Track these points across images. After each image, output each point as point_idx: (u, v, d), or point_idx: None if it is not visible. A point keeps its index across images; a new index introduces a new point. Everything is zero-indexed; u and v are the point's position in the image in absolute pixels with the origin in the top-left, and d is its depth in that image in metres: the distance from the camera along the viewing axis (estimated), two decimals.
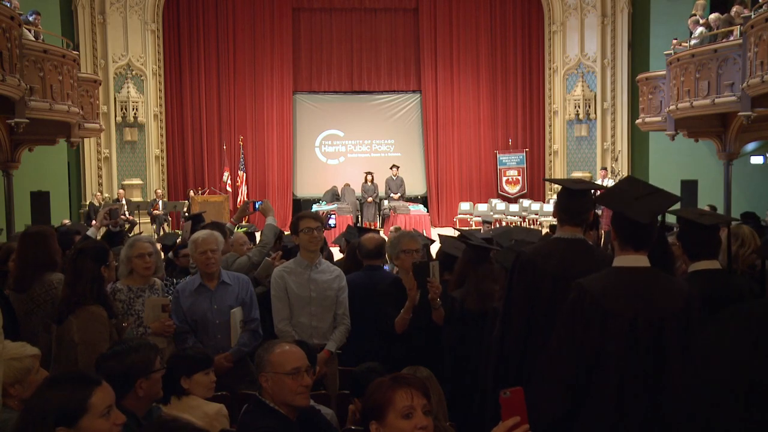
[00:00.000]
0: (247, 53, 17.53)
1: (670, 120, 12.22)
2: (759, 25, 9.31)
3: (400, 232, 4.45)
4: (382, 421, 1.98)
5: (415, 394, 2.00)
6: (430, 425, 2.01)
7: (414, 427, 1.96)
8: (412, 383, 2.03)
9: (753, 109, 9.91)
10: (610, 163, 16.50)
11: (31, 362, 2.47)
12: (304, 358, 2.62)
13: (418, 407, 1.99)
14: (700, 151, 14.23)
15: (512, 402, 1.75)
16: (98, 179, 16.07)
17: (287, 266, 4.19)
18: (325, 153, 18.45)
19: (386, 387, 2.01)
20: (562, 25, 17.23)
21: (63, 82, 10.75)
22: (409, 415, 1.97)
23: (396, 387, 2.01)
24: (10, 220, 10.55)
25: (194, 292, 4.03)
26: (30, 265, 3.91)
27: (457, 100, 18.08)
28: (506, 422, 1.73)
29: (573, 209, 2.84)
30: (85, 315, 3.33)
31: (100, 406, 1.93)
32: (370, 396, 2.04)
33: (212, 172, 17.44)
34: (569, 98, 17.22)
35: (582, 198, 2.85)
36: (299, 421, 2.57)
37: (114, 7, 16.05)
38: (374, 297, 4.13)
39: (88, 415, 1.90)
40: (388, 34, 18.05)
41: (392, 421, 1.97)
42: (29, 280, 3.89)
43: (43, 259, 3.93)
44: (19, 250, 4.04)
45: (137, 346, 2.63)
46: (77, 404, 1.89)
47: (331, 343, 4.07)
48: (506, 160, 17.93)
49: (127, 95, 16.16)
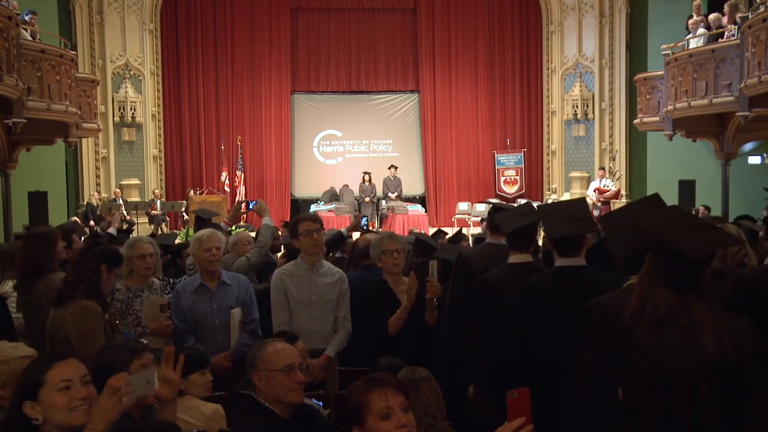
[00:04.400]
0: (245, 53, 17.51)
1: (667, 120, 12.23)
2: (756, 25, 9.32)
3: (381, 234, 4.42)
4: (363, 425, 1.97)
5: (390, 393, 1.99)
6: (411, 421, 2.00)
7: (394, 427, 1.95)
8: (385, 383, 2.02)
9: (750, 109, 9.92)
10: (608, 163, 16.51)
11: (20, 364, 2.43)
12: (297, 356, 2.62)
13: (395, 406, 1.97)
14: (698, 151, 14.24)
15: (518, 402, 1.74)
16: (96, 179, 16.05)
17: (287, 268, 4.14)
18: (323, 153, 18.44)
19: (360, 391, 2.01)
20: (560, 26, 17.23)
21: (61, 82, 10.73)
22: (387, 416, 1.96)
23: (370, 389, 2.00)
24: (8, 221, 10.53)
25: (194, 292, 4.01)
26: (32, 266, 3.89)
27: (455, 100, 18.08)
28: (512, 423, 1.72)
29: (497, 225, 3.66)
30: (78, 309, 3.33)
31: (55, 379, 2.03)
32: (346, 402, 2.03)
33: (210, 172, 17.42)
34: (567, 98, 17.22)
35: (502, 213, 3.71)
36: (296, 419, 2.56)
37: (112, 7, 16.03)
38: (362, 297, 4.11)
39: (45, 388, 2.02)
40: (386, 35, 18.05)
41: (372, 424, 1.96)
42: (32, 281, 3.87)
43: (45, 260, 3.92)
44: (22, 252, 4.02)
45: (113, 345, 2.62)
46: (36, 377, 2.03)
47: (330, 347, 4.01)
48: (504, 160, 17.93)
49: (125, 95, 16.13)
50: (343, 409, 2.06)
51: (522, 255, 3.37)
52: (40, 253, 3.93)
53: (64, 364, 2.08)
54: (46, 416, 2.01)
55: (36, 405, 2.01)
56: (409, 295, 3.72)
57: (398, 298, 3.88)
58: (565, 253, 3.00)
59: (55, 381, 2.03)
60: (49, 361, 2.09)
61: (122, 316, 3.91)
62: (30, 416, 2.00)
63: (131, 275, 4.06)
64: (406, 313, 3.75)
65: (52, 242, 4.01)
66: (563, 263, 3.02)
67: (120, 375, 2.07)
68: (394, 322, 3.78)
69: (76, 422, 2.02)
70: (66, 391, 2.03)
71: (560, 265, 3.01)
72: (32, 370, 2.08)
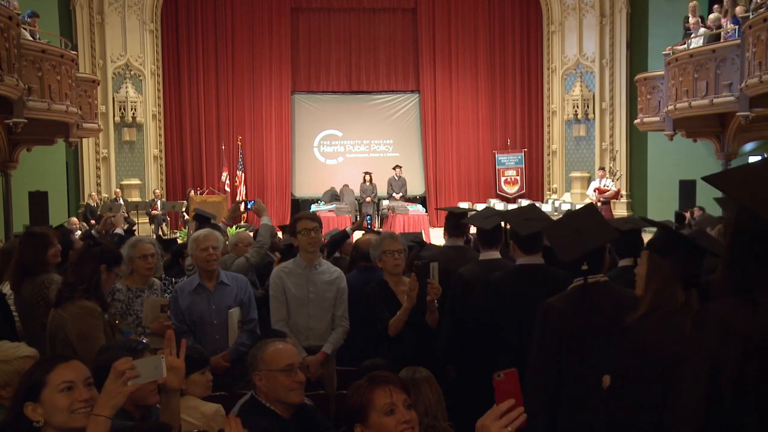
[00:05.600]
0: (245, 53, 17.52)
1: (668, 120, 12.23)
2: (757, 25, 9.33)
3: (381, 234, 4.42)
4: (366, 422, 1.99)
5: (394, 390, 2.02)
6: (413, 418, 2.02)
7: (398, 422, 1.98)
8: (389, 380, 2.05)
9: (751, 109, 9.93)
10: (608, 163, 16.51)
11: (21, 364, 2.43)
12: (297, 355, 2.62)
13: (398, 403, 2.00)
14: (699, 151, 14.24)
15: (506, 384, 1.64)
16: (96, 179, 16.05)
17: (286, 266, 4.15)
18: (323, 153, 18.44)
19: (364, 388, 2.03)
20: (560, 26, 17.24)
21: (61, 82, 10.75)
22: (391, 411, 1.99)
23: (374, 386, 2.02)
24: (9, 220, 10.55)
25: (193, 292, 4.01)
26: (22, 265, 3.92)
27: (455, 100, 18.08)
28: (500, 406, 1.60)
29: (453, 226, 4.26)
30: (78, 310, 3.33)
31: (58, 380, 2.01)
32: (349, 400, 2.05)
33: (211, 172, 17.42)
34: (568, 98, 17.22)
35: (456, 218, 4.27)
36: (296, 420, 2.57)
37: (112, 7, 16.03)
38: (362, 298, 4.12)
39: (47, 389, 2.00)
40: (386, 34, 18.05)
41: (376, 420, 1.98)
42: (22, 281, 3.90)
43: (36, 260, 3.93)
44: (17, 251, 4.04)
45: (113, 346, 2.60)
46: (37, 379, 2.01)
47: (327, 345, 4.02)
48: (505, 160, 17.93)
49: (125, 95, 16.14)
50: (346, 407, 2.07)
51: (491, 252, 3.81)
52: (31, 254, 3.93)
53: (66, 366, 2.06)
54: (47, 418, 1.99)
55: (37, 407, 1.99)
56: (410, 296, 3.71)
57: (399, 298, 3.88)
58: (528, 251, 3.38)
59: (57, 382, 2.01)
60: (52, 363, 2.07)
61: (123, 316, 3.91)
62: (31, 418, 1.98)
63: (132, 275, 4.06)
64: (406, 314, 3.74)
65: (46, 243, 4.00)
66: (524, 261, 3.39)
67: (124, 359, 2.03)
68: (394, 323, 3.78)
69: (78, 425, 2.00)
70: (68, 392, 2.01)
71: (521, 263, 3.40)
72: (34, 371, 2.06)
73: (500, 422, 1.58)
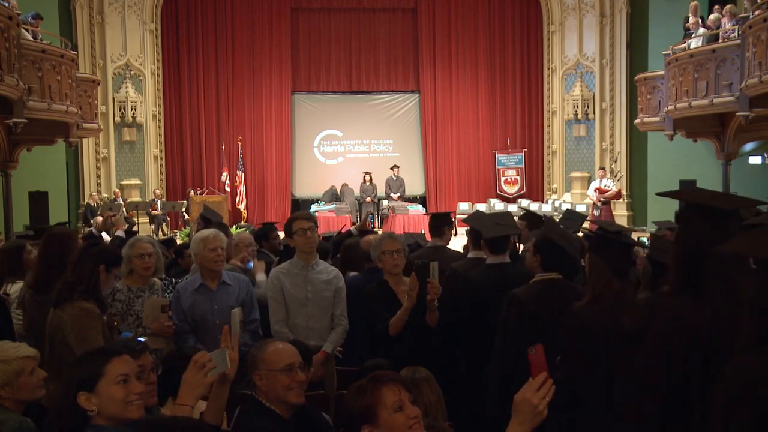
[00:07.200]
0: (245, 53, 17.52)
1: (668, 120, 12.24)
2: (757, 25, 9.33)
3: (381, 234, 4.41)
4: (375, 421, 1.99)
5: (400, 388, 2.05)
6: (419, 415, 2.04)
7: (408, 418, 2.00)
8: (393, 378, 2.08)
9: (751, 109, 9.93)
10: (608, 163, 16.51)
11: (21, 364, 2.44)
12: (297, 355, 2.61)
13: (406, 399, 2.03)
14: (699, 151, 14.25)
15: (538, 357, 1.83)
16: (96, 179, 16.06)
17: (283, 267, 4.15)
18: (323, 153, 18.45)
19: (371, 388, 2.04)
20: (560, 26, 17.24)
21: (61, 82, 10.75)
22: (400, 408, 2.00)
23: (381, 385, 2.04)
24: (9, 220, 10.55)
25: (195, 291, 4.01)
26: (54, 266, 3.83)
27: (455, 100, 18.08)
28: (537, 379, 1.78)
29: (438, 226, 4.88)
30: (76, 311, 3.32)
31: (114, 372, 2.04)
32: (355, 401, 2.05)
33: (211, 172, 17.43)
34: (568, 98, 17.22)
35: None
36: (297, 420, 2.56)
37: (112, 7, 16.04)
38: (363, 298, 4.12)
39: (104, 380, 2.03)
40: (386, 34, 18.05)
41: (386, 418, 1.99)
42: (52, 281, 3.80)
43: (65, 261, 3.88)
44: (43, 251, 3.97)
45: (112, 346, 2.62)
46: (94, 370, 2.04)
47: (327, 344, 4.03)
48: (505, 160, 17.93)
49: (125, 95, 16.14)
50: (349, 409, 2.06)
51: (479, 252, 4.10)
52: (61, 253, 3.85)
53: (120, 360, 2.09)
54: (102, 408, 2.01)
55: (92, 396, 2.01)
56: (410, 296, 3.71)
57: (399, 298, 3.88)
58: (496, 251, 3.81)
59: (114, 374, 2.04)
60: (108, 355, 2.10)
61: (123, 316, 3.90)
62: (84, 407, 2.00)
63: (131, 275, 4.05)
64: (407, 314, 3.74)
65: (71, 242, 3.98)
66: (493, 260, 3.82)
67: (201, 353, 2.17)
68: (394, 323, 3.78)
69: (133, 416, 2.04)
70: (124, 384, 2.05)
71: (491, 263, 3.83)
72: (90, 361, 2.09)
73: (539, 394, 1.76)
